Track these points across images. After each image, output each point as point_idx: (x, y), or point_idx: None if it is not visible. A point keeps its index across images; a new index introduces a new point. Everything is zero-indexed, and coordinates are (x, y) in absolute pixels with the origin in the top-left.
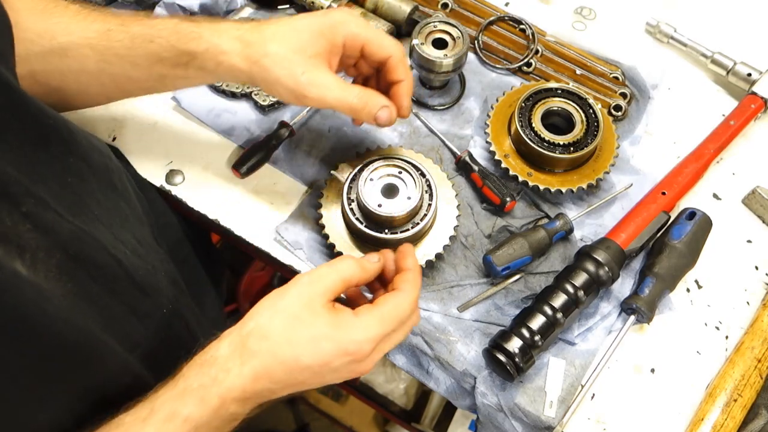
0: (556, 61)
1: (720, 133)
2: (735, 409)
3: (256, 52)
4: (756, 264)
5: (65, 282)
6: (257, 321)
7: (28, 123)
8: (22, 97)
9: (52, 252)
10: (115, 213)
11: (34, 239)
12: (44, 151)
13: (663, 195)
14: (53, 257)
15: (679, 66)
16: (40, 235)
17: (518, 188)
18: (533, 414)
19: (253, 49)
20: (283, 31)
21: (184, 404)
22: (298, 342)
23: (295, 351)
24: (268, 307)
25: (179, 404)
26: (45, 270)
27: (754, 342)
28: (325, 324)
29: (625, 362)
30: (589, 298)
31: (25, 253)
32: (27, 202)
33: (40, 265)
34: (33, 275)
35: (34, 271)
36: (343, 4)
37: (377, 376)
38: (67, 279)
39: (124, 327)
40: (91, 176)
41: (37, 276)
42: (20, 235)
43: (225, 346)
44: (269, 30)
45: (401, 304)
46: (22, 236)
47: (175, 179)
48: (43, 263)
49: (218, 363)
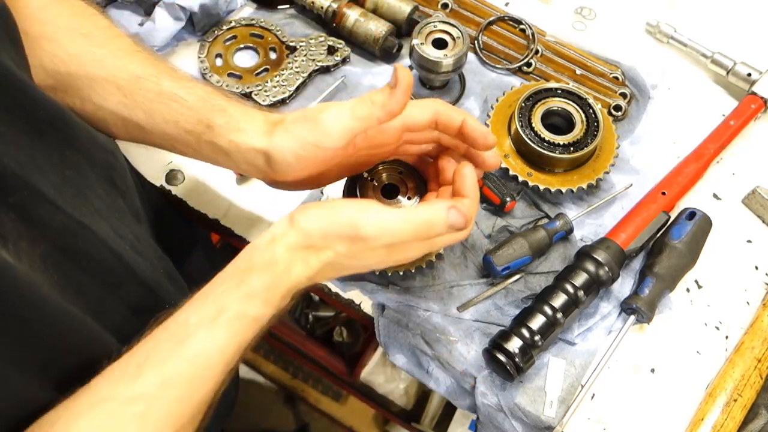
0: (556, 61)
1: (720, 133)
2: (735, 409)
3: (281, 125)
4: (756, 264)
5: (51, 273)
6: (305, 223)
7: (23, 113)
8: (18, 85)
9: (37, 243)
10: (114, 208)
11: (17, 229)
12: (42, 141)
13: (663, 195)
14: (37, 248)
15: (679, 66)
16: (25, 225)
17: (518, 188)
18: (533, 414)
19: (277, 125)
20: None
21: (252, 306)
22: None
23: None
24: (313, 207)
25: (247, 306)
26: (29, 260)
27: (754, 342)
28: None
29: (624, 362)
30: (589, 298)
31: (7, 242)
32: (18, 194)
33: (23, 254)
34: (18, 263)
35: (19, 260)
36: (344, 5)
37: (377, 376)
38: (54, 270)
39: (118, 320)
40: (89, 170)
41: (22, 264)
42: (2, 224)
43: (282, 249)
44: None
45: (456, 237)
46: (4, 226)
47: (175, 179)
48: (27, 253)
49: (280, 266)
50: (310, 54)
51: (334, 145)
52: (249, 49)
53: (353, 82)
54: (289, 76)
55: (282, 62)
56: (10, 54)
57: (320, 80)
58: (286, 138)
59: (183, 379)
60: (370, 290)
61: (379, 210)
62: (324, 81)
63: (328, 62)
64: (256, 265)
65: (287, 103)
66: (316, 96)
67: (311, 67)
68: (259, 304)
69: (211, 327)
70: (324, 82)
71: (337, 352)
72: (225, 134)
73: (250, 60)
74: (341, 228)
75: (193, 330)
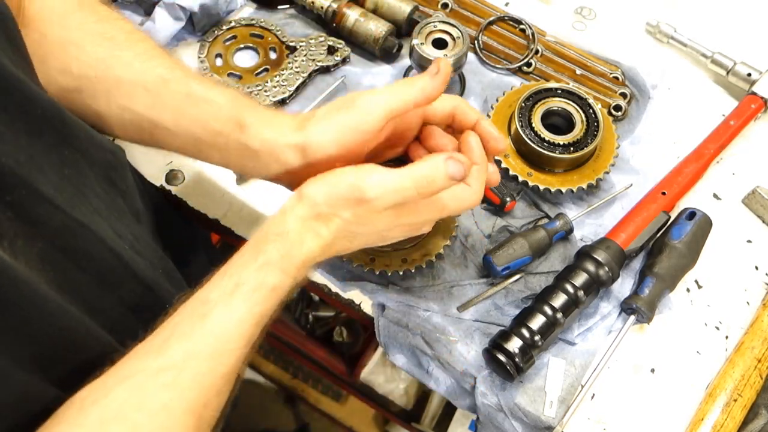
0: (556, 61)
1: (720, 133)
2: (735, 409)
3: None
4: (756, 264)
5: (48, 271)
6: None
7: (21, 112)
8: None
9: (34, 241)
10: (113, 208)
11: (13, 227)
12: (40, 140)
13: (663, 195)
14: (34, 246)
15: (679, 66)
16: (22, 224)
17: (518, 188)
18: (533, 414)
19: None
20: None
21: (270, 275)
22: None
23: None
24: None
25: (264, 276)
26: (25, 258)
27: (754, 342)
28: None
29: (624, 362)
30: (589, 298)
31: (3, 240)
32: (16, 192)
33: (19, 252)
34: (14, 261)
35: (15, 258)
36: (344, 5)
37: (377, 376)
38: (50, 268)
39: (116, 319)
40: (87, 169)
41: (18, 263)
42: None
43: (293, 220)
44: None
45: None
46: (1, 224)
47: (175, 179)
48: (23, 251)
49: (292, 235)
50: (310, 54)
51: (374, 126)
52: (249, 49)
53: (353, 82)
54: (289, 76)
55: (282, 62)
56: (7, 53)
57: (320, 80)
58: (322, 127)
59: (206, 353)
60: (370, 290)
61: (380, 170)
62: (324, 81)
63: (328, 62)
64: (270, 236)
65: (287, 103)
66: (316, 96)
67: (311, 67)
68: (276, 273)
69: (230, 301)
70: (324, 82)
71: (337, 352)
72: (257, 133)
73: (250, 60)
74: (344, 192)
75: (213, 305)
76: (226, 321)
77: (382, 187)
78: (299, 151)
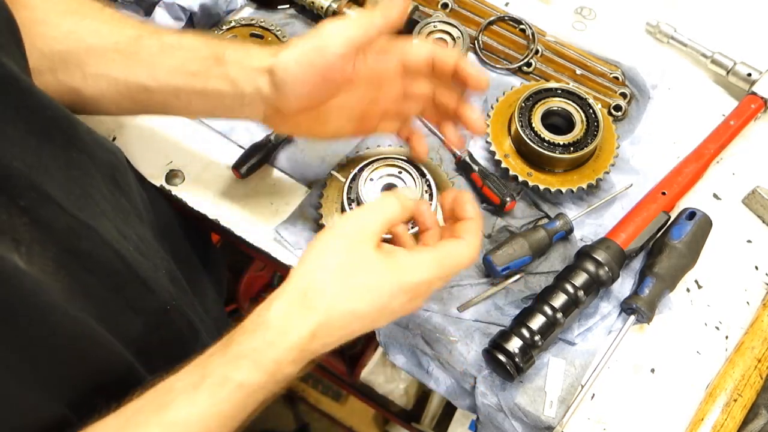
0: (556, 61)
1: (720, 133)
2: (735, 409)
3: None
4: (756, 264)
5: (63, 275)
6: (309, 279)
7: (30, 115)
8: (24, 88)
9: (48, 246)
10: (118, 209)
11: (30, 233)
12: (48, 142)
13: (663, 195)
14: (49, 251)
15: (679, 66)
16: (37, 228)
17: (518, 188)
18: (533, 414)
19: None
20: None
21: (238, 370)
22: (357, 292)
23: (354, 302)
24: (316, 263)
25: (232, 369)
26: (41, 263)
27: (754, 342)
28: (382, 270)
29: (624, 362)
30: (589, 298)
31: (21, 246)
32: (28, 196)
33: (36, 258)
34: (30, 268)
35: (31, 264)
36: (344, 5)
37: (377, 376)
38: (65, 273)
39: (121, 321)
40: (93, 170)
41: (33, 269)
42: (16, 228)
43: (277, 309)
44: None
45: (462, 253)
46: (18, 230)
47: (175, 179)
48: (39, 257)
49: (272, 326)
50: None
51: (336, 50)
52: None
53: None
54: None
55: None
56: (15, 59)
57: None
58: (289, 51)
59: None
60: None
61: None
62: None
63: None
64: (246, 326)
65: None
66: None
67: None
68: (247, 368)
69: (193, 394)
70: None
71: (337, 352)
72: (234, 61)
73: None
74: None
75: (176, 395)
76: (186, 415)
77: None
78: (268, 73)
